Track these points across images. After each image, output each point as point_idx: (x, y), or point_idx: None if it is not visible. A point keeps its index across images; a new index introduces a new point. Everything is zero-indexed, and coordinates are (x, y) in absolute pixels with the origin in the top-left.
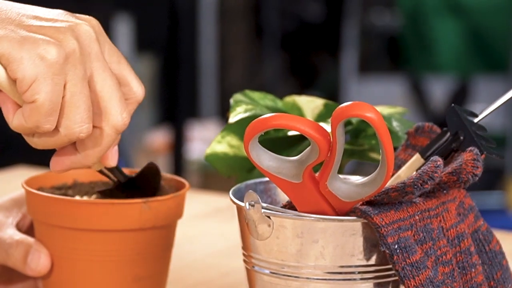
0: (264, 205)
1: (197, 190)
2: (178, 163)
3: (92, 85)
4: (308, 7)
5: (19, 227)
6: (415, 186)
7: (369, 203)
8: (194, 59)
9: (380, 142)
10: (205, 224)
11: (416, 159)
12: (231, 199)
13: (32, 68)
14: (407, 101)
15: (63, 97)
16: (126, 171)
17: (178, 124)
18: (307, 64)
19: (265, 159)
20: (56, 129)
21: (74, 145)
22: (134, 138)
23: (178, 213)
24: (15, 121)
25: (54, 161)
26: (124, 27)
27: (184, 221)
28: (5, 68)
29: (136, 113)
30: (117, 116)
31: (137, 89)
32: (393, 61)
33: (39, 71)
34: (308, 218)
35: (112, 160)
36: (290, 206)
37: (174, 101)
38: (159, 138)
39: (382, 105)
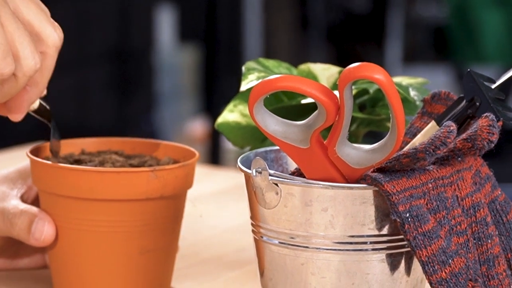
0: (272, 172)
1: (217, 167)
2: (216, 151)
3: (20, 16)
4: None
5: (24, 199)
6: (427, 152)
7: (380, 170)
8: (239, 50)
9: (389, 104)
10: (225, 200)
11: (431, 126)
12: (239, 167)
13: None
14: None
15: None
16: None
17: (217, 114)
18: (352, 55)
19: (271, 123)
20: (13, 74)
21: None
22: (176, 127)
23: (187, 183)
24: None
25: (13, 110)
26: (167, 17)
27: (204, 197)
28: None
29: (178, 101)
30: (52, 34)
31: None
32: (438, 52)
33: None
34: (316, 185)
35: None
36: (298, 173)
37: (213, 91)
38: (199, 127)
39: None
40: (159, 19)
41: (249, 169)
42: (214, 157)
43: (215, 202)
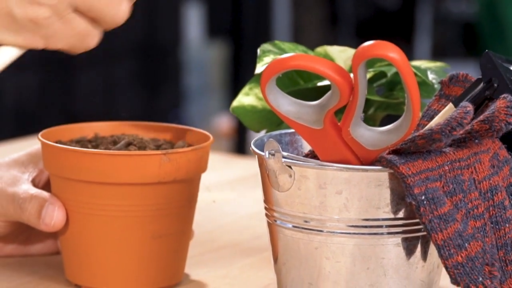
0: (285, 154)
1: (236, 155)
2: (242, 147)
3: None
4: None
5: (35, 184)
6: (443, 133)
7: (395, 151)
8: None
9: (404, 84)
10: (243, 188)
11: (449, 108)
12: (252, 149)
13: None
14: None
15: None
16: None
17: None
18: None
19: (283, 103)
20: None
21: None
22: (203, 122)
23: (200, 166)
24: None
25: None
26: (194, 13)
27: (222, 184)
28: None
29: (206, 97)
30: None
31: None
32: (467, 48)
33: None
34: (331, 167)
35: None
36: (312, 155)
37: (240, 86)
38: (226, 122)
39: None
40: (187, 15)
41: (263, 151)
42: (241, 152)
43: (232, 189)
